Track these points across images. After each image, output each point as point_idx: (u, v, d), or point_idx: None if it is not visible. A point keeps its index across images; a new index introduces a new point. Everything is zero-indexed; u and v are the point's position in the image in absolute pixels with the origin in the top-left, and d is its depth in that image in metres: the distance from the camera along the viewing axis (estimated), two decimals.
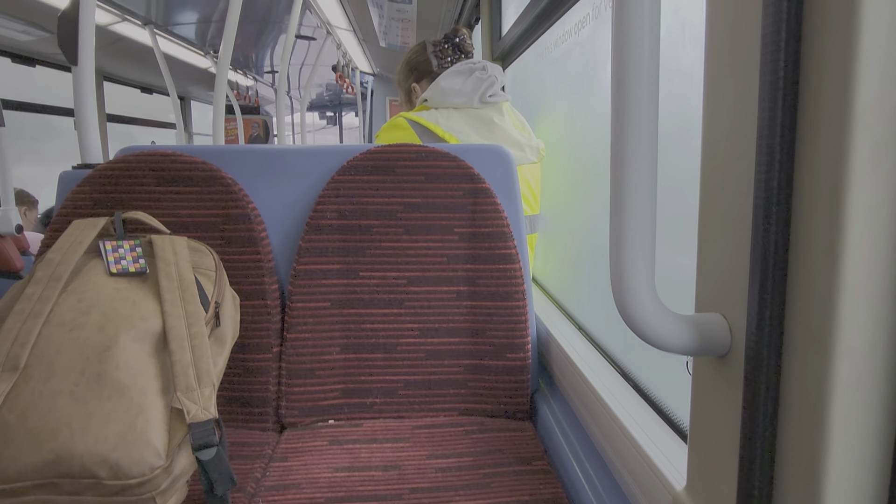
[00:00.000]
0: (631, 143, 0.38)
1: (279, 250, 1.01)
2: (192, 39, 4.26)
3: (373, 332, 0.97)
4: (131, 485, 0.62)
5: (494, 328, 0.97)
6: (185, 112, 6.29)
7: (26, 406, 0.63)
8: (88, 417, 0.63)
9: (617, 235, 0.40)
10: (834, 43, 0.31)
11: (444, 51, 1.44)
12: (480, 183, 0.98)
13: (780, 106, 0.33)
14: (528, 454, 0.85)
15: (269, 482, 0.79)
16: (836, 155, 0.31)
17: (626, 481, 0.67)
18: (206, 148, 1.01)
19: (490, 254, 0.97)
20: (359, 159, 0.98)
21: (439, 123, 1.26)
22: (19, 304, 0.71)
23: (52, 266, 0.75)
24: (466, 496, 0.76)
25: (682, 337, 0.40)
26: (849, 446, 0.33)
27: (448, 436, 0.90)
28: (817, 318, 0.33)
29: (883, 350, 0.32)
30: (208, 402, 0.69)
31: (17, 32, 3.12)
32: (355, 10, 3.75)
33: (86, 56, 1.19)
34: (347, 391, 0.96)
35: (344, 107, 9.51)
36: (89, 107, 1.20)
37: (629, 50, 0.38)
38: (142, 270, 0.79)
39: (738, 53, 0.38)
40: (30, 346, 0.67)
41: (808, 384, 0.34)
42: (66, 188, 0.98)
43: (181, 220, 0.95)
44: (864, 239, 0.31)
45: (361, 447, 0.87)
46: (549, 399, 0.97)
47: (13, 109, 3.43)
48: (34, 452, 0.61)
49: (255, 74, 6.34)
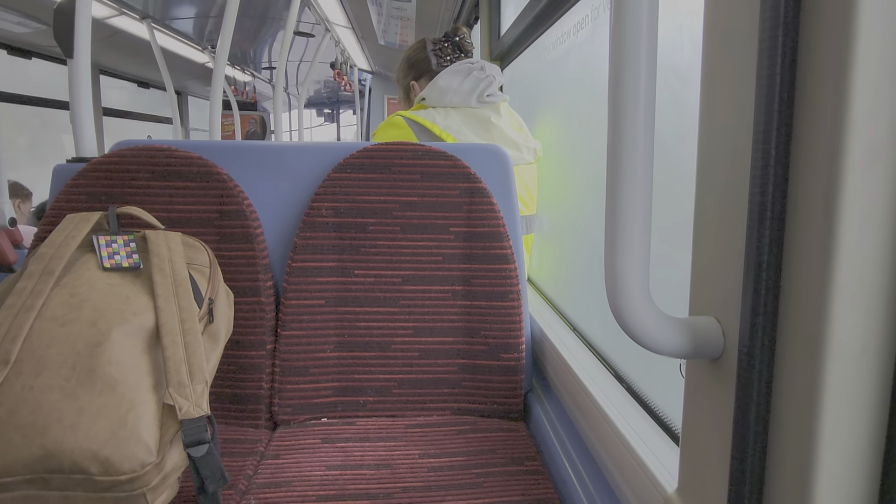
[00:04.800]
0: (627, 144, 0.38)
1: (274, 247, 1.00)
2: (189, 34, 4.24)
3: (367, 331, 0.97)
4: (122, 481, 0.62)
5: (489, 328, 0.97)
6: (182, 107, 6.26)
7: (17, 401, 0.63)
8: (79, 413, 0.63)
9: (612, 237, 0.40)
10: (831, 47, 0.31)
11: (444, 49, 1.44)
12: (477, 182, 0.98)
13: (776, 110, 0.33)
14: (521, 454, 0.85)
15: (260, 479, 0.79)
16: (831, 159, 0.31)
17: (618, 483, 0.67)
18: (202, 143, 1.01)
19: (485, 253, 0.97)
20: (355, 157, 0.98)
21: (437, 122, 1.26)
22: (11, 297, 0.70)
23: (45, 260, 0.75)
24: (458, 496, 0.76)
25: (675, 340, 0.40)
26: (840, 449, 0.33)
27: (441, 435, 0.90)
28: (810, 322, 0.33)
29: (874, 354, 0.32)
30: (200, 398, 0.69)
31: (12, 24, 3.10)
32: (354, 8, 3.75)
33: (82, 49, 1.18)
34: (341, 389, 0.96)
35: (341, 104, 9.50)
36: (84, 100, 1.20)
37: (626, 51, 0.38)
38: (135, 265, 0.78)
39: (735, 56, 0.38)
40: (21, 341, 0.67)
41: (801, 387, 0.34)
42: (60, 182, 0.98)
43: (176, 215, 0.95)
44: (858, 243, 0.31)
45: (354, 445, 0.87)
46: (543, 399, 0.97)
47: (7, 101, 3.41)
48: (24, 447, 0.61)
49: (253, 70, 6.32)
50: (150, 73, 4.58)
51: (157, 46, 3.81)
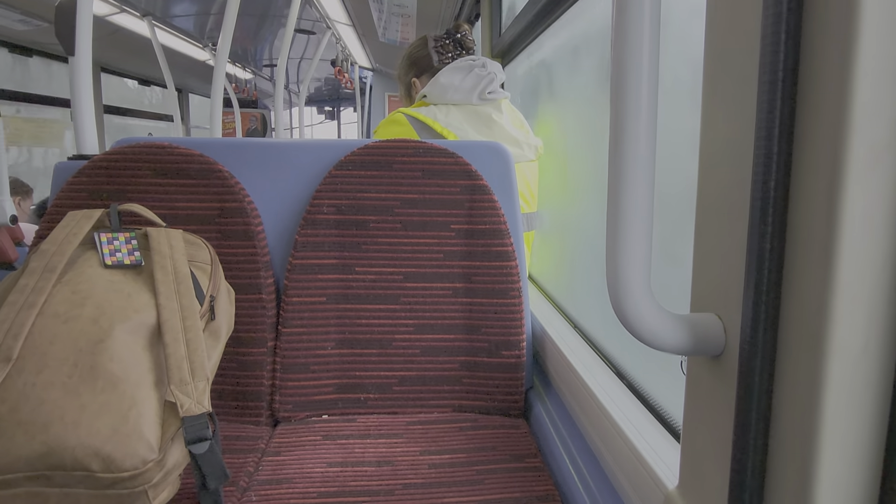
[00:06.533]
0: (629, 141, 0.38)
1: (275, 244, 1.00)
2: (190, 32, 4.24)
3: (368, 328, 0.97)
4: (123, 478, 0.62)
5: (490, 325, 0.97)
6: (183, 104, 6.26)
7: (18, 398, 0.63)
8: (81, 410, 0.63)
9: (613, 234, 0.40)
10: (833, 45, 0.31)
11: (446, 46, 1.44)
12: (478, 180, 0.98)
13: (779, 107, 0.33)
14: (522, 451, 0.85)
15: (261, 476, 0.79)
16: (833, 157, 0.31)
17: (619, 479, 0.67)
18: (203, 140, 1.01)
19: (486, 251, 0.97)
20: (356, 154, 0.98)
21: (438, 119, 1.26)
22: (13, 295, 0.70)
23: (47, 257, 0.75)
24: (459, 493, 0.76)
25: (676, 337, 0.40)
26: (841, 446, 0.33)
27: (442, 432, 0.91)
28: (812, 320, 0.33)
29: (876, 352, 0.32)
30: (202, 395, 0.69)
31: (13, 22, 3.10)
32: (355, 5, 3.74)
33: (83, 47, 1.18)
34: (342, 386, 0.96)
35: (342, 101, 9.49)
36: (86, 98, 1.20)
37: (629, 50, 0.38)
38: (137, 263, 0.78)
39: (737, 54, 0.38)
40: (23, 338, 0.67)
41: (802, 385, 0.34)
42: (62, 179, 0.98)
43: (177, 212, 0.95)
44: (860, 241, 0.31)
45: (355, 442, 0.87)
46: (544, 397, 0.97)
47: (10, 100, 3.41)
48: (26, 444, 0.61)
49: (254, 68, 6.32)
50: (152, 70, 4.58)
51: (157, 44, 3.81)
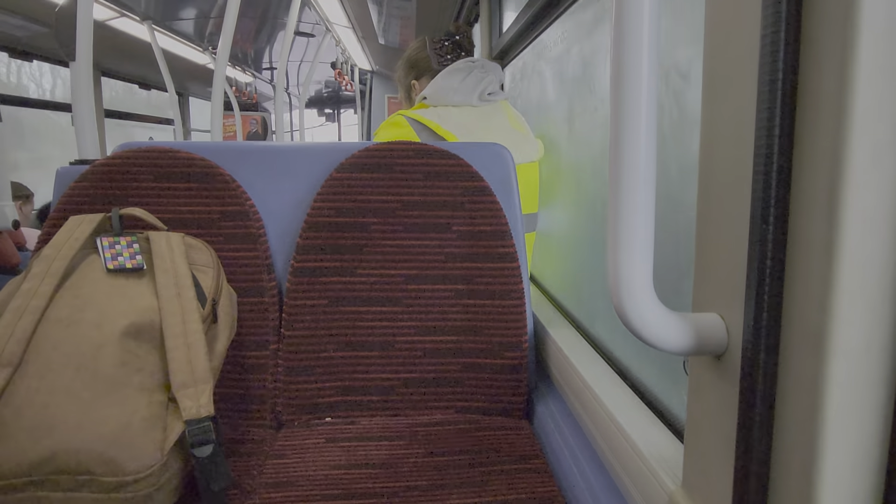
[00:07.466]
0: (629, 141, 0.38)
1: (277, 247, 1.01)
2: (190, 35, 4.25)
3: (370, 330, 0.97)
4: (128, 481, 0.62)
5: (492, 326, 0.97)
6: (184, 108, 6.27)
7: (22, 402, 0.63)
8: (85, 414, 0.63)
9: (615, 234, 0.40)
10: (833, 43, 0.31)
11: (445, 48, 1.44)
12: (479, 181, 0.98)
13: (779, 107, 0.33)
14: (525, 453, 0.85)
15: (265, 479, 0.79)
16: (834, 156, 0.31)
17: (623, 479, 0.67)
18: (204, 144, 1.01)
19: (488, 252, 0.97)
20: (357, 157, 0.98)
21: (438, 121, 1.26)
22: (15, 300, 0.71)
23: (49, 262, 0.75)
24: (462, 494, 0.76)
25: (679, 337, 0.40)
26: (844, 446, 0.33)
27: (444, 434, 0.91)
28: (814, 319, 0.33)
29: (878, 351, 0.32)
30: (205, 398, 0.69)
31: (14, 27, 3.11)
32: (354, 7, 3.75)
33: (83, 52, 1.18)
34: (344, 389, 0.96)
35: (343, 104, 9.50)
36: (87, 102, 1.20)
37: (628, 49, 0.38)
38: (139, 267, 0.78)
39: (737, 53, 0.38)
40: (26, 343, 0.67)
41: (805, 384, 0.34)
42: (64, 184, 0.98)
43: (179, 216, 0.95)
44: (862, 240, 0.31)
45: (358, 445, 0.87)
46: (546, 397, 0.97)
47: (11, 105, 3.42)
48: (30, 448, 0.61)
49: (254, 71, 6.33)
50: (152, 74, 4.59)
51: (158, 48, 3.82)
